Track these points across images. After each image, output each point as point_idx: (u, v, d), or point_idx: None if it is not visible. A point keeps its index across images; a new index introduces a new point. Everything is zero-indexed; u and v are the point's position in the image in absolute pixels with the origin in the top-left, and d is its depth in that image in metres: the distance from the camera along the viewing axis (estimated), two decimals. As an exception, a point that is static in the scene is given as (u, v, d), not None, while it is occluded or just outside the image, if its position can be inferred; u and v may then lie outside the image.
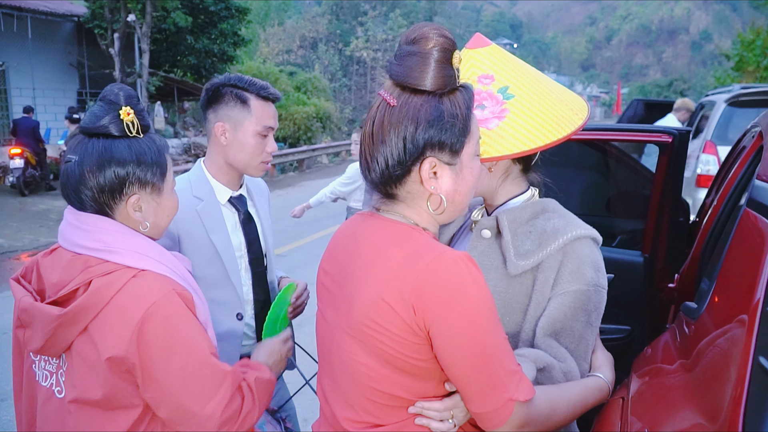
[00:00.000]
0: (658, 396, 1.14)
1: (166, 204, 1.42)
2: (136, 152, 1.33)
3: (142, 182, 1.35)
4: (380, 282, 1.11)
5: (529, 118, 1.39)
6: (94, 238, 1.32)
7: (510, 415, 1.08)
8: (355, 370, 1.15)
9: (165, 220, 1.44)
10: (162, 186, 1.39)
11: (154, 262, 1.33)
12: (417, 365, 1.11)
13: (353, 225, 1.28)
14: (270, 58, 44.10)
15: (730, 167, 2.78)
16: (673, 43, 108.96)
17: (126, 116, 1.33)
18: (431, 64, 1.11)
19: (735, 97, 6.91)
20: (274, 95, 2.01)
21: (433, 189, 1.14)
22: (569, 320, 1.30)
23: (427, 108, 1.11)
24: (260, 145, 1.99)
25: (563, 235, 1.34)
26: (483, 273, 1.10)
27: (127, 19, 16.29)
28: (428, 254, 1.09)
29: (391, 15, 57.29)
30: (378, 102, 1.16)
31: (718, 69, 30.15)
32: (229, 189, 2.05)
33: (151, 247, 1.37)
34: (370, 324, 1.11)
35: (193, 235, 1.95)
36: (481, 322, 1.06)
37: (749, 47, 22.38)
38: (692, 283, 2.29)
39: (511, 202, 1.48)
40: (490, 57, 1.46)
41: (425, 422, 1.14)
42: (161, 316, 1.25)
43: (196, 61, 20.31)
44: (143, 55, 16.91)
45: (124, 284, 1.27)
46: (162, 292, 1.28)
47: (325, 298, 1.29)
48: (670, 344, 1.33)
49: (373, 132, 1.14)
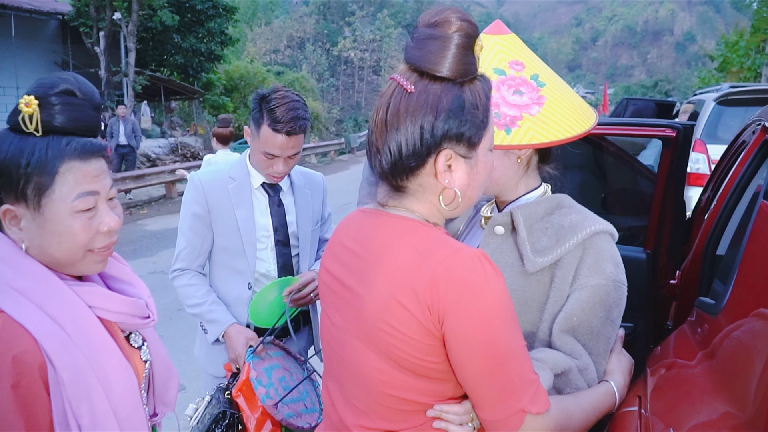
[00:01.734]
0: (680, 393, 1.11)
1: (55, 227, 1.09)
2: (14, 151, 1.06)
3: (14, 191, 1.07)
4: (391, 282, 1.04)
5: (564, 105, 1.38)
6: None
7: (520, 426, 1.03)
8: (368, 376, 1.09)
9: (55, 247, 1.10)
10: (41, 201, 1.08)
11: (21, 303, 1.06)
12: (433, 368, 1.06)
13: (356, 223, 1.20)
14: (257, 58, 43.93)
15: (730, 163, 2.77)
16: (658, 44, 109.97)
17: (25, 107, 1.06)
18: (453, 50, 1.03)
19: (724, 96, 6.94)
20: (285, 130, 2.04)
21: (447, 183, 1.08)
22: (587, 315, 1.26)
23: (447, 97, 1.04)
24: (266, 163, 2.13)
25: (582, 231, 1.30)
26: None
27: (113, 18, 16.15)
28: (443, 251, 1.03)
29: (378, 15, 57.33)
30: (392, 87, 1.07)
31: (703, 70, 30.52)
32: (263, 176, 2.22)
33: (36, 282, 1.08)
34: (383, 327, 1.04)
35: (221, 209, 2.19)
36: (497, 323, 1.01)
37: (733, 48, 22.66)
38: (695, 279, 2.27)
39: (524, 198, 1.44)
40: (515, 44, 1.43)
41: (443, 425, 1.09)
42: None
43: (183, 60, 20.19)
44: (129, 53, 16.77)
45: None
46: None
47: (329, 299, 1.21)
48: (686, 340, 1.30)
49: (387, 119, 1.06)
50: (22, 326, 1.03)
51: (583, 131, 1.37)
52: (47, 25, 18.07)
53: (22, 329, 1.03)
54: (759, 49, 21.09)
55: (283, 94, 2.08)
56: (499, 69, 1.38)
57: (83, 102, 1.12)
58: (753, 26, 21.61)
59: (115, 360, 1.13)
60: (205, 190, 2.19)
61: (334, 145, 23.11)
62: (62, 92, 1.09)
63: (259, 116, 2.07)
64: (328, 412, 1.25)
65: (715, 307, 1.22)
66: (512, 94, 1.35)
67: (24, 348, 1.01)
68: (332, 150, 22.58)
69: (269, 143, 2.06)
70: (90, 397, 1.07)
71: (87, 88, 1.13)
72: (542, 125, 1.33)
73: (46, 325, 1.05)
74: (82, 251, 1.12)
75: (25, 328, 1.03)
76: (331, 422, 1.23)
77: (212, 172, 2.27)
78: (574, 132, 1.35)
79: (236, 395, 1.97)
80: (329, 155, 22.43)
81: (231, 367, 2.17)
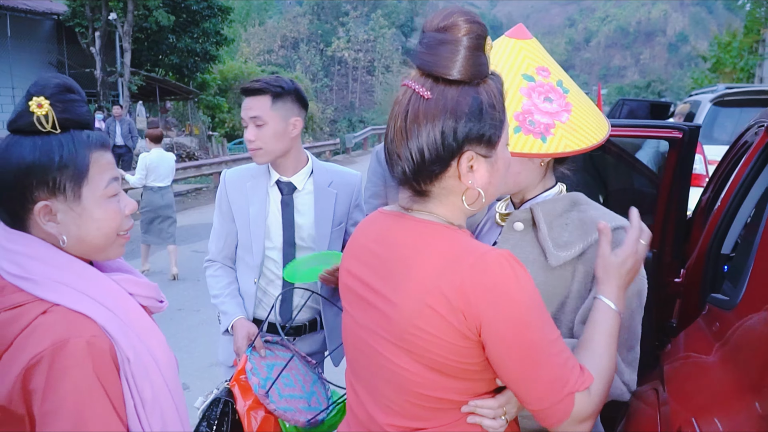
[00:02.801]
0: (700, 384, 1.15)
1: (93, 214, 1.15)
2: (42, 151, 1.10)
3: (49, 187, 1.11)
4: (422, 287, 1.05)
5: (587, 111, 1.42)
6: (11, 260, 1.11)
7: (572, 407, 1.04)
8: (401, 377, 1.10)
9: (94, 234, 1.16)
10: (81, 191, 1.13)
11: (73, 294, 1.10)
12: (467, 368, 1.08)
13: (378, 225, 1.22)
14: (251, 58, 43.84)
15: (732, 164, 2.82)
16: (651, 45, 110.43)
17: (37, 108, 1.10)
18: (464, 53, 1.05)
19: (720, 96, 7.02)
20: (244, 89, 2.15)
21: (471, 183, 1.10)
22: None
23: (466, 100, 1.06)
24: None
25: None
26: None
27: (109, 18, 16.12)
28: (470, 255, 1.04)
29: (372, 15, 57.32)
30: (408, 95, 1.08)
31: (696, 70, 30.64)
32: (278, 174, 2.27)
33: (77, 273, 1.13)
34: (416, 332, 1.06)
35: (240, 205, 2.28)
36: (533, 322, 1.03)
37: (726, 49, 22.78)
38: (699, 277, 2.31)
39: (541, 196, 1.49)
40: (538, 49, 1.47)
41: (477, 420, 1.11)
42: (45, 370, 1.01)
43: (178, 61, 20.16)
44: (125, 54, 16.74)
45: (30, 322, 1.06)
46: (58, 337, 1.03)
47: (353, 301, 1.22)
48: (702, 335, 1.34)
49: (406, 127, 1.07)
50: (83, 314, 1.08)
51: (603, 137, 1.42)
52: (42, 25, 18.02)
53: (84, 316, 1.08)
54: (752, 50, 21.22)
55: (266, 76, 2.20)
56: (528, 75, 1.42)
57: (79, 98, 1.17)
58: (746, 27, 21.74)
59: (158, 339, 1.19)
60: (227, 186, 2.29)
61: (329, 146, 23.12)
62: (61, 90, 1.14)
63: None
64: (354, 411, 1.26)
65: (730, 303, 1.27)
66: (543, 101, 1.39)
67: (93, 333, 1.06)
68: (327, 150, 22.58)
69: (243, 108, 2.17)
70: (149, 375, 1.13)
71: (76, 84, 1.19)
72: (573, 132, 1.37)
73: (101, 310, 1.10)
74: (114, 234, 1.19)
75: (86, 315, 1.08)
76: (358, 421, 1.24)
77: (239, 170, 2.36)
78: (598, 138, 1.40)
79: (232, 384, 2.04)
80: (324, 155, 22.45)
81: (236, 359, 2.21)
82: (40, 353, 1.01)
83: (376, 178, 3.71)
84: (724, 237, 2.25)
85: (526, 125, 1.36)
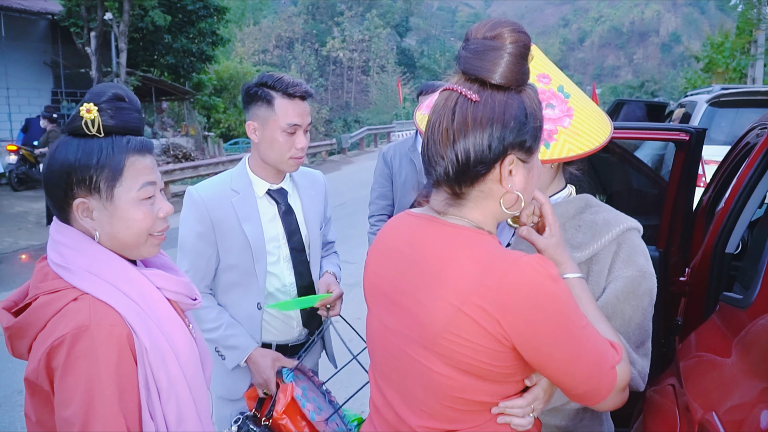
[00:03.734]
0: (719, 380, 1.19)
1: (124, 214, 1.26)
2: (83, 152, 1.22)
3: (87, 186, 1.23)
4: (456, 293, 1.08)
5: (589, 114, 1.46)
6: (57, 250, 1.25)
7: (616, 378, 1.11)
8: (434, 381, 1.13)
9: (125, 233, 1.27)
10: (114, 192, 1.24)
11: (101, 284, 1.21)
12: (500, 372, 1.11)
13: (409, 228, 1.23)
14: (246, 58, 43.76)
15: (733, 165, 2.86)
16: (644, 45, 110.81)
17: (86, 113, 1.22)
18: (511, 59, 1.09)
19: (716, 97, 7.06)
20: (301, 92, 2.03)
21: (510, 187, 1.13)
22: (621, 304, 1.36)
23: (513, 106, 1.09)
24: (288, 142, 2.04)
25: (616, 227, 1.40)
26: None
27: (104, 18, 16.06)
28: (503, 262, 1.07)
29: (367, 15, 57.30)
30: (454, 97, 1.11)
31: (688, 70, 30.76)
32: (267, 182, 2.14)
33: (108, 265, 1.24)
34: (450, 337, 1.09)
35: (227, 225, 2.07)
36: (570, 313, 1.08)
37: (718, 49, 22.90)
38: (704, 276, 2.36)
39: (552, 198, 1.52)
40: (539, 56, 1.50)
41: (507, 420, 1.15)
42: (65, 351, 1.12)
43: (174, 61, 20.13)
44: (120, 54, 16.70)
45: (62, 307, 1.18)
46: (81, 322, 1.14)
47: (381, 303, 1.24)
48: (717, 333, 1.38)
49: (453, 128, 1.09)
50: (107, 303, 1.19)
51: (606, 138, 1.46)
52: (37, 25, 17.94)
53: (107, 306, 1.19)
54: (744, 51, 21.34)
55: (276, 73, 2.06)
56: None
57: (130, 106, 1.28)
58: (738, 28, 21.85)
59: (179, 329, 1.29)
60: (207, 206, 2.04)
61: (325, 146, 23.11)
62: (113, 98, 1.25)
63: (267, 93, 2.01)
64: (381, 412, 1.28)
65: (745, 301, 1.31)
66: (545, 108, 1.42)
67: (113, 321, 1.17)
68: (323, 150, 22.57)
69: (290, 112, 2.01)
70: (165, 362, 1.22)
71: (131, 94, 1.29)
72: (575, 137, 1.41)
73: (124, 300, 1.21)
74: (145, 235, 1.29)
75: (108, 304, 1.19)
76: (386, 422, 1.26)
77: (212, 186, 2.11)
78: (601, 140, 1.43)
79: (281, 417, 1.92)
80: (320, 156, 22.45)
81: (258, 392, 2.10)
82: (63, 335, 1.12)
83: (383, 179, 3.75)
84: (728, 237, 2.29)
85: None
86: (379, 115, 44.19)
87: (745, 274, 1.59)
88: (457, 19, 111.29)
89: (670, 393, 1.31)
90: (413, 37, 71.26)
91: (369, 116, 44.76)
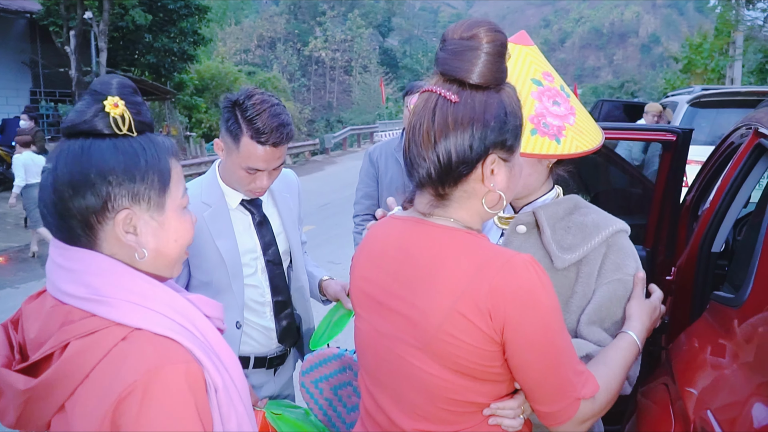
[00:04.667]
0: (713, 380, 1.20)
1: (172, 225, 1.07)
2: (125, 154, 1.01)
3: (133, 194, 1.01)
4: (450, 293, 1.08)
5: (586, 115, 1.49)
6: (78, 281, 0.99)
7: (575, 412, 1.11)
8: (428, 383, 1.14)
9: (172, 246, 1.08)
10: (164, 200, 1.05)
11: (154, 316, 0.99)
12: (493, 372, 1.12)
13: (396, 232, 1.23)
14: (227, 58, 43.47)
15: (717, 165, 2.89)
16: (624, 46, 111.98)
17: (113, 108, 1.01)
18: (489, 59, 1.09)
19: (697, 98, 7.17)
20: (272, 142, 1.81)
21: (492, 186, 1.13)
22: (613, 307, 1.37)
23: (493, 106, 1.10)
24: (247, 179, 1.89)
25: (605, 229, 1.41)
26: None
27: (84, 17, 15.85)
28: (496, 260, 1.08)
29: (349, 15, 57.21)
30: (434, 99, 1.11)
31: (668, 71, 31.17)
32: (240, 193, 1.99)
33: (153, 293, 1.01)
34: (445, 337, 1.09)
35: (199, 242, 1.87)
36: (553, 325, 1.09)
37: (697, 50, 23.24)
38: (691, 275, 2.38)
39: (540, 199, 1.53)
40: (540, 55, 1.52)
41: (498, 421, 1.16)
42: (138, 399, 0.90)
43: (155, 60, 19.93)
44: (100, 53, 16.50)
45: (109, 350, 0.95)
46: (151, 365, 0.92)
47: (372, 308, 1.24)
48: (710, 332, 1.40)
49: (434, 130, 1.09)
50: (170, 338, 0.97)
51: (602, 138, 1.48)
52: (15, 24, 17.65)
53: (172, 341, 0.97)
54: (722, 52, 21.65)
55: (260, 98, 1.82)
56: (536, 80, 1.46)
57: (141, 100, 1.08)
58: (716, 29, 22.17)
59: (234, 362, 1.08)
60: None
61: (309, 146, 23.04)
62: (131, 91, 1.05)
63: (237, 127, 1.80)
64: (373, 415, 1.27)
65: (737, 300, 1.32)
66: (552, 104, 1.44)
67: (186, 359, 0.96)
68: (306, 151, 22.49)
69: (252, 157, 1.81)
70: (234, 403, 1.03)
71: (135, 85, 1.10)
72: (581, 134, 1.43)
73: (186, 334, 1.00)
74: (186, 248, 1.12)
75: (173, 339, 0.97)
76: (378, 426, 1.26)
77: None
78: (599, 139, 1.46)
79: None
80: (303, 156, 22.36)
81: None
82: (132, 384, 0.90)
83: (368, 179, 3.75)
84: (714, 236, 2.32)
85: (540, 127, 1.41)
86: (361, 115, 44.17)
87: (735, 274, 1.60)
88: (439, 20, 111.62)
89: (663, 392, 1.32)
90: (396, 37, 71.35)
91: (352, 116, 44.73)
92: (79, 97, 13.08)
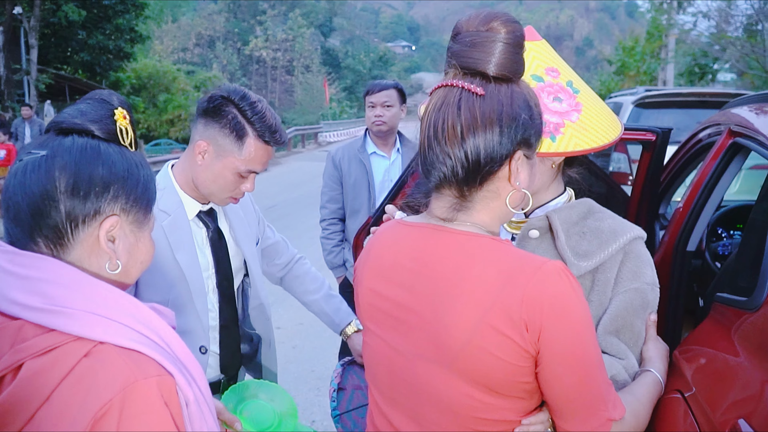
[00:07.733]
0: (743, 385, 1.16)
1: (145, 245, 1.04)
2: (129, 163, 1.00)
3: (125, 204, 0.98)
4: (479, 305, 1.01)
5: (598, 111, 1.42)
6: (33, 290, 0.90)
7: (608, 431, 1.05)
8: (453, 402, 1.06)
9: (137, 267, 1.04)
10: (147, 219, 1.04)
11: (119, 328, 0.91)
12: (524, 388, 1.05)
13: (410, 241, 1.14)
14: (164, 56, 42.37)
15: (682, 163, 2.93)
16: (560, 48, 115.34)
17: (122, 119, 1.01)
18: (509, 49, 1.04)
19: (641, 99, 7.40)
20: (279, 141, 1.75)
21: (518, 184, 1.07)
22: (630, 317, 1.32)
23: (519, 99, 1.05)
24: (235, 183, 1.75)
25: (622, 236, 1.35)
26: None
27: (13, 12, 15.10)
28: (527, 268, 1.01)
29: (290, 15, 56.72)
30: (456, 94, 1.04)
31: (603, 73, 32.27)
32: (197, 203, 1.82)
33: (116, 303, 0.94)
34: (474, 351, 1.01)
35: (157, 254, 1.64)
36: (587, 335, 1.03)
37: (630, 53, 24.18)
38: (665, 275, 2.38)
39: (552, 202, 1.47)
40: (548, 50, 1.46)
41: None
42: (116, 417, 0.84)
43: (90, 58, 19.22)
44: (31, 50, 15.77)
45: (72, 368, 0.86)
46: (125, 381, 0.86)
47: (384, 323, 1.15)
48: (724, 336, 1.37)
49: (462, 124, 1.02)
50: (137, 351, 0.90)
51: (616, 136, 1.43)
52: (-65, 18, 16.64)
53: (140, 354, 0.90)
54: (654, 55, 22.57)
55: (255, 97, 1.73)
56: (537, 76, 1.40)
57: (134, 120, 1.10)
58: (648, 33, 23.09)
59: (201, 374, 1.02)
60: None
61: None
62: (129, 108, 1.06)
63: (239, 126, 1.68)
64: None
65: (753, 302, 1.30)
66: (552, 101, 1.38)
67: (158, 372, 0.90)
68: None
69: (256, 158, 1.71)
70: (203, 414, 0.97)
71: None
72: (583, 132, 1.37)
73: (153, 346, 0.93)
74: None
75: (140, 352, 0.90)
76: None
77: None
78: (610, 138, 1.40)
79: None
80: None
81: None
82: (108, 403, 0.83)
83: (332, 182, 3.64)
84: (689, 236, 2.33)
85: None
86: (305, 115, 43.85)
87: (740, 275, 1.59)
88: (380, 20, 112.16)
89: (679, 401, 1.28)
90: (337, 37, 71.14)
91: (295, 116, 44.32)
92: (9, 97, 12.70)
